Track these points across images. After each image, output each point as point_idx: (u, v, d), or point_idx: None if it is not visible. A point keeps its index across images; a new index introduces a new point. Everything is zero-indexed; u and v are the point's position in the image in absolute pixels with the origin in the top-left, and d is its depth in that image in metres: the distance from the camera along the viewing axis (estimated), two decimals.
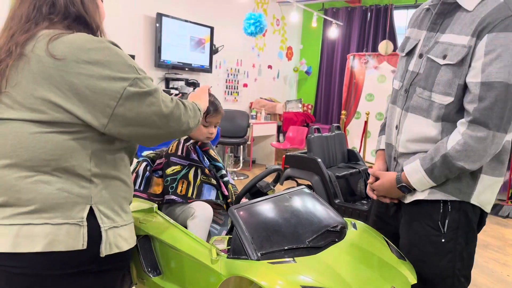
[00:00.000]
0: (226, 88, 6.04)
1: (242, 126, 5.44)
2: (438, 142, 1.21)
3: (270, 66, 6.88)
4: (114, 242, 1.01)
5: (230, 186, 1.72)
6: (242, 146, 5.70)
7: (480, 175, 1.22)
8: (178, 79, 5.00)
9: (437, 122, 1.21)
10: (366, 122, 5.49)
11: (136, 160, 1.70)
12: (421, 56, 1.27)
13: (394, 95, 1.39)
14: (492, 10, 1.10)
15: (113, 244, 1.00)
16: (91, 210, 0.98)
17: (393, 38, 6.31)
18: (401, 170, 1.30)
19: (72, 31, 0.99)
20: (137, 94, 0.96)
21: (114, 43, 1.00)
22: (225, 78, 5.98)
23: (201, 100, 1.36)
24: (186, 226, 1.48)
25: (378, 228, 1.47)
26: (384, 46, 5.74)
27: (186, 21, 5.00)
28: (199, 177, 1.63)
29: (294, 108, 6.67)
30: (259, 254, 1.15)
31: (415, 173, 1.24)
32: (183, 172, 1.61)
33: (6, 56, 0.95)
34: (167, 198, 1.59)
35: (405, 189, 1.28)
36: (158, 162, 1.69)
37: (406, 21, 1.47)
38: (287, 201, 1.40)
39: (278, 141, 6.37)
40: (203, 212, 1.52)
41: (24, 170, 0.94)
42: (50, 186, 0.94)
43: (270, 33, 6.71)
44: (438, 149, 1.20)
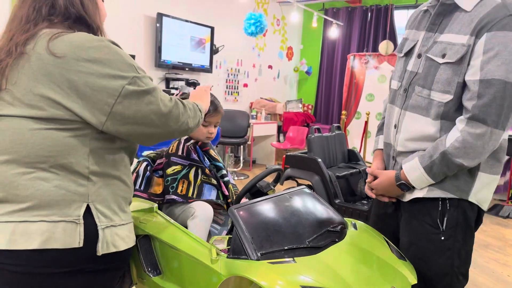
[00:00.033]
0: (227, 88, 6.04)
1: (243, 126, 5.44)
2: (437, 140, 1.23)
3: (270, 66, 6.88)
4: (112, 241, 1.01)
5: (230, 186, 1.72)
6: (242, 146, 5.70)
7: (477, 173, 1.23)
8: (178, 79, 5.00)
9: (436, 120, 1.23)
10: (366, 122, 5.49)
11: (136, 160, 1.71)
12: (419, 56, 1.29)
13: (392, 95, 1.40)
14: (490, 10, 1.12)
15: (110, 243, 1.00)
16: (88, 208, 0.98)
17: (393, 38, 6.30)
18: (400, 168, 1.31)
19: (73, 31, 1.00)
20: (135, 92, 0.96)
21: (114, 42, 1.00)
22: (225, 78, 5.98)
23: (202, 100, 1.35)
24: (186, 226, 1.48)
25: (378, 228, 1.48)
26: (384, 46, 5.74)
27: (187, 21, 5.01)
28: (200, 177, 1.63)
29: (294, 108, 6.67)
30: (259, 254, 1.15)
31: (414, 170, 1.25)
32: (184, 172, 1.61)
33: (6, 56, 0.96)
34: (168, 198, 1.59)
35: (404, 187, 1.29)
36: (158, 162, 1.69)
37: (407, 21, 1.51)
38: (287, 201, 1.40)
39: (279, 141, 6.37)
40: (204, 212, 1.52)
41: (22, 167, 0.94)
42: (47, 183, 0.94)
43: (270, 33, 6.71)
44: (436, 147, 1.21)
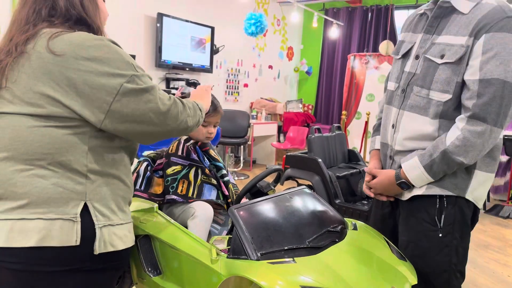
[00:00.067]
0: (227, 88, 6.04)
1: (243, 126, 5.44)
2: (436, 139, 1.24)
3: (270, 66, 6.88)
4: (109, 240, 1.01)
5: (230, 185, 1.72)
6: (242, 146, 5.70)
7: (474, 171, 1.26)
8: (178, 79, 5.00)
9: (434, 119, 1.25)
10: (366, 123, 5.49)
11: (137, 160, 1.71)
12: (417, 57, 1.31)
13: (389, 96, 1.43)
14: (488, 13, 1.16)
15: (107, 242, 1.00)
16: (86, 206, 0.98)
17: (393, 38, 6.30)
18: (397, 167, 1.33)
19: (73, 30, 1.01)
20: (133, 90, 0.97)
21: (113, 42, 1.01)
22: (225, 78, 5.98)
23: (203, 99, 1.34)
24: (186, 226, 1.48)
25: (378, 227, 1.48)
26: (384, 46, 5.74)
27: (187, 21, 5.01)
28: (200, 177, 1.63)
29: (294, 108, 6.67)
30: (259, 254, 1.15)
31: (414, 169, 1.26)
32: (184, 172, 1.61)
33: (6, 56, 0.97)
34: (168, 198, 1.59)
35: (404, 185, 1.30)
36: (158, 162, 1.69)
37: (402, 25, 1.55)
38: (288, 201, 1.40)
39: (279, 141, 6.37)
40: (204, 212, 1.52)
41: (20, 164, 0.94)
42: (45, 181, 0.95)
43: (270, 33, 6.71)
44: (436, 145, 1.23)
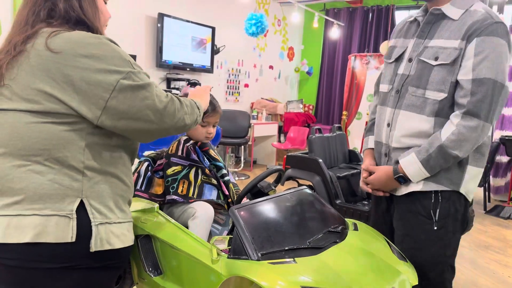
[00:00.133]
0: (227, 88, 6.04)
1: (243, 126, 5.44)
2: (432, 135, 1.33)
3: (271, 67, 6.88)
4: (106, 238, 1.00)
5: (231, 185, 1.72)
6: (243, 147, 5.70)
7: (467, 166, 1.35)
8: (179, 79, 5.01)
9: (430, 117, 1.33)
10: (367, 123, 5.48)
11: (137, 160, 1.71)
12: (410, 60, 1.41)
13: (382, 98, 1.51)
14: (478, 18, 1.27)
15: (104, 240, 1.00)
16: (82, 203, 0.98)
17: None
18: (395, 163, 1.40)
19: (72, 30, 1.02)
20: (130, 87, 0.97)
21: (112, 40, 1.01)
22: (226, 78, 5.99)
23: (202, 98, 1.35)
24: (187, 226, 1.48)
25: (378, 225, 1.53)
26: (385, 47, 5.74)
27: (188, 21, 5.01)
28: (200, 177, 1.63)
29: (295, 108, 6.67)
30: (260, 254, 1.15)
31: (411, 164, 1.34)
32: (184, 172, 1.61)
33: (5, 55, 0.98)
34: (168, 198, 1.59)
35: (402, 179, 1.38)
36: (159, 162, 1.69)
37: (392, 31, 1.63)
38: (288, 201, 1.40)
39: (279, 141, 6.37)
40: (204, 212, 1.52)
41: (17, 159, 0.95)
42: (42, 177, 0.95)
43: (271, 33, 6.71)
44: (432, 141, 1.31)
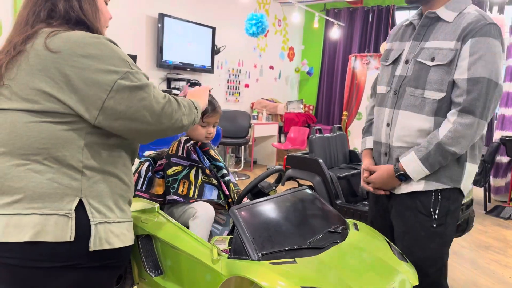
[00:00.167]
0: (228, 88, 6.04)
1: (244, 126, 5.44)
2: (430, 134, 1.36)
3: (271, 67, 6.89)
4: (105, 237, 1.00)
5: (231, 185, 1.72)
6: (243, 147, 5.70)
7: (465, 163, 1.40)
8: (179, 79, 5.01)
9: (429, 116, 1.37)
10: None
11: (138, 160, 1.71)
12: (407, 62, 1.45)
13: (380, 99, 1.55)
14: (472, 20, 1.32)
15: (103, 239, 1.00)
16: (81, 202, 0.98)
17: None
18: (396, 161, 1.44)
19: (72, 30, 1.02)
20: (127, 87, 0.97)
21: (111, 40, 1.01)
22: (226, 78, 5.99)
23: (200, 99, 1.34)
24: (187, 226, 1.49)
25: (378, 223, 1.55)
26: (385, 47, 5.73)
27: (188, 21, 5.01)
28: (200, 177, 1.63)
29: (295, 108, 6.67)
30: (260, 254, 1.15)
31: (411, 163, 1.38)
32: (184, 172, 1.61)
33: (5, 56, 0.99)
34: (169, 198, 1.60)
35: (403, 177, 1.42)
36: (159, 163, 1.69)
37: (388, 35, 1.67)
38: (289, 201, 1.40)
39: (280, 141, 6.37)
40: (205, 212, 1.52)
41: (17, 158, 0.95)
42: (41, 176, 0.95)
43: (271, 33, 6.71)
44: (430, 139, 1.35)
